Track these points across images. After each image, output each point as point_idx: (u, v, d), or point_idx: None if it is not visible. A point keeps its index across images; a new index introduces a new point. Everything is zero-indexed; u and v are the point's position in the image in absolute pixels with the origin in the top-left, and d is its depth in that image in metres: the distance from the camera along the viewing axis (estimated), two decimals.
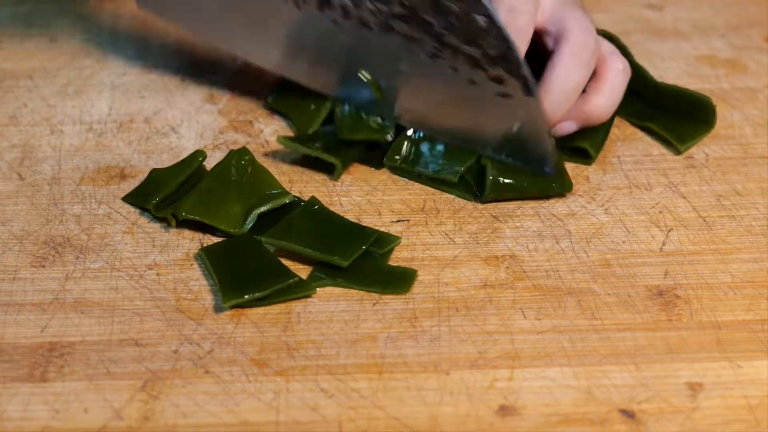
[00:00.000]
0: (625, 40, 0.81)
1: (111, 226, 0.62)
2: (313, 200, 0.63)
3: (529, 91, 0.63)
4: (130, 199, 0.64)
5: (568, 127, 0.67)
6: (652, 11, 0.86)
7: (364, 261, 0.59)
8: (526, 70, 0.62)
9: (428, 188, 0.66)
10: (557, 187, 0.65)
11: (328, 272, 0.59)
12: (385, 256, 0.60)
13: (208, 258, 0.59)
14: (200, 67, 0.76)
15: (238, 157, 0.64)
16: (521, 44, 0.64)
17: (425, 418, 0.51)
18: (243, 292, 0.57)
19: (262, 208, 0.62)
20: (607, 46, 0.68)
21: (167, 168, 0.65)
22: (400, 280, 0.58)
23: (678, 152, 0.69)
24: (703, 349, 0.55)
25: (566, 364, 0.54)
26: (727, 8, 0.86)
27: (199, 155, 0.65)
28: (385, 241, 0.60)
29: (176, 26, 0.75)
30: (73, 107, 0.72)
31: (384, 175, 0.67)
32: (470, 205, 0.64)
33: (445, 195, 0.65)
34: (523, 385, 0.53)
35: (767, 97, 0.75)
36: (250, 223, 0.62)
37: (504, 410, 0.52)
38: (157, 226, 0.63)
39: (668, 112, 0.71)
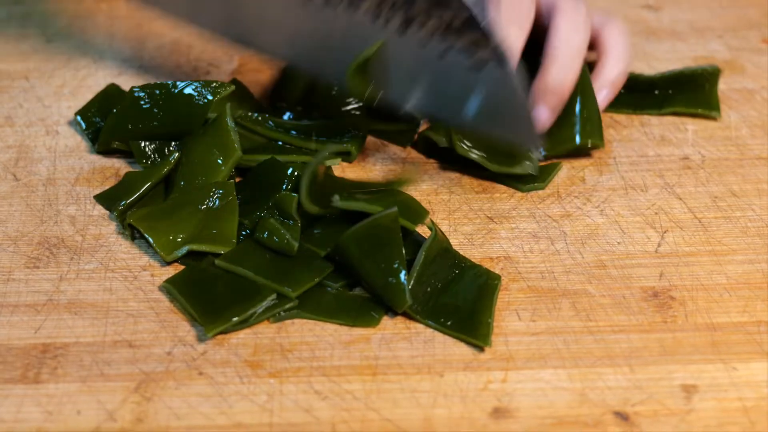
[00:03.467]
0: None
1: (105, 227, 0.62)
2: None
3: (499, 58, 0.61)
4: (101, 199, 0.64)
5: (543, 114, 0.67)
6: (649, 12, 0.86)
7: (328, 292, 0.58)
8: (495, 38, 0.60)
9: (424, 189, 0.65)
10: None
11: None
12: (344, 288, 0.58)
13: (177, 289, 0.57)
14: (195, 68, 0.76)
15: (221, 191, 0.61)
16: (524, 29, 0.66)
17: (419, 420, 0.51)
18: (224, 319, 0.55)
19: (197, 246, 0.59)
20: (599, 18, 0.71)
21: (140, 172, 0.64)
22: (371, 312, 0.57)
23: (715, 118, 0.72)
24: (698, 350, 0.55)
25: (560, 366, 0.54)
26: (725, 10, 0.86)
27: (170, 156, 0.63)
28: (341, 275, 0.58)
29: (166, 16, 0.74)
30: (68, 108, 0.72)
31: (380, 175, 0.67)
32: (465, 207, 0.64)
33: (441, 196, 0.65)
34: (517, 387, 0.53)
35: (764, 98, 0.75)
36: (179, 253, 0.59)
37: (498, 412, 0.51)
38: None
39: (680, 93, 0.73)
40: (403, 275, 0.56)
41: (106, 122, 0.67)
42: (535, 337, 0.55)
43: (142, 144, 0.65)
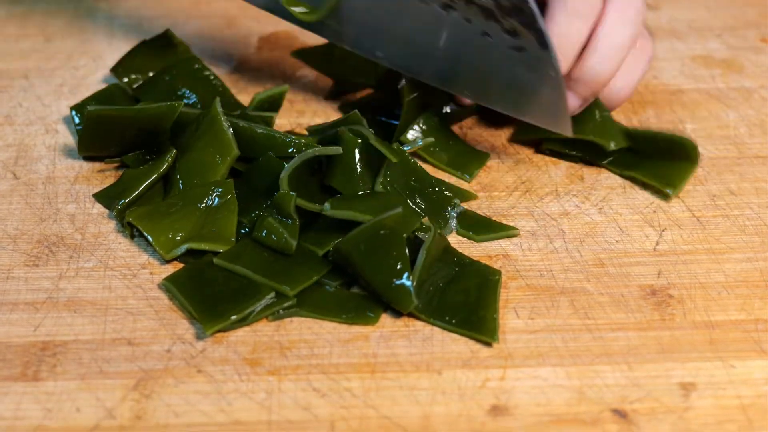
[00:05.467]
0: None
1: (105, 225, 0.62)
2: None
3: (544, 44, 0.60)
4: (101, 198, 0.64)
5: (572, 102, 0.65)
6: (647, 11, 0.85)
7: (326, 290, 0.58)
8: (541, 23, 0.60)
9: None
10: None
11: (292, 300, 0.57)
12: (342, 287, 0.58)
13: (176, 287, 0.57)
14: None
15: (220, 189, 0.61)
16: (589, 22, 0.63)
17: (417, 418, 0.51)
18: (223, 317, 0.55)
19: (196, 245, 0.59)
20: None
21: (139, 170, 0.64)
22: (369, 311, 0.57)
23: (667, 198, 0.65)
24: (696, 348, 0.55)
25: (559, 364, 0.54)
26: (723, 9, 0.86)
27: (168, 155, 0.63)
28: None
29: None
30: (68, 107, 0.72)
31: None
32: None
33: None
34: (515, 385, 0.53)
35: (763, 97, 0.75)
36: (178, 252, 0.59)
37: (496, 410, 0.51)
38: None
39: (649, 158, 0.66)
40: (407, 276, 0.56)
41: (79, 136, 0.67)
42: (534, 335, 0.56)
43: (132, 155, 0.66)
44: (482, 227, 0.62)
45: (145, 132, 0.64)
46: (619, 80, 0.66)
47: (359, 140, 0.62)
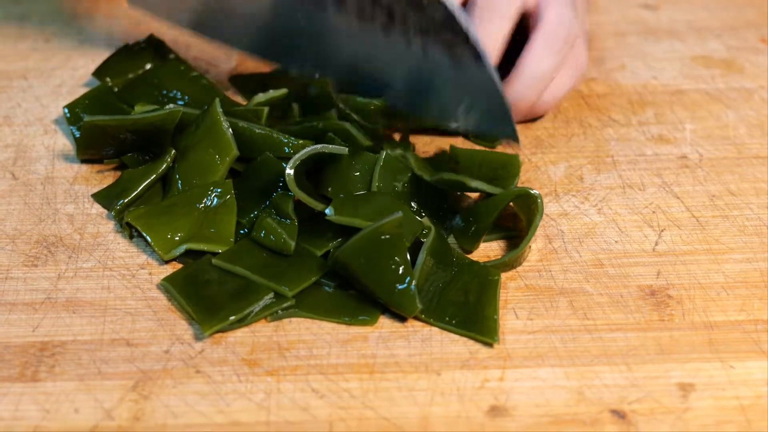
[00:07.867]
0: (620, 40, 0.82)
1: (104, 225, 0.62)
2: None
3: (478, 56, 0.62)
4: (99, 198, 0.64)
5: None
6: (647, 12, 0.86)
7: (325, 291, 0.58)
8: (473, 36, 0.61)
9: None
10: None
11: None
12: (340, 288, 0.58)
13: (175, 287, 0.57)
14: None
15: (219, 190, 0.61)
16: (503, 27, 0.66)
17: (416, 419, 0.51)
18: (221, 317, 0.55)
19: (195, 245, 0.59)
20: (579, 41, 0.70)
21: (138, 170, 0.64)
22: (368, 311, 0.57)
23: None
24: (695, 349, 0.55)
25: (558, 365, 0.54)
26: (723, 9, 0.86)
27: (167, 155, 0.63)
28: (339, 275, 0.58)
29: (164, 22, 0.75)
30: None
31: None
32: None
33: None
34: (514, 386, 0.53)
35: (762, 97, 0.75)
36: (177, 252, 0.59)
37: (495, 411, 0.51)
38: None
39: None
40: (410, 281, 0.56)
41: (77, 143, 0.67)
42: (533, 336, 0.55)
43: (130, 155, 0.66)
44: None
45: (145, 136, 0.64)
46: (545, 95, 0.69)
47: (348, 148, 0.61)
